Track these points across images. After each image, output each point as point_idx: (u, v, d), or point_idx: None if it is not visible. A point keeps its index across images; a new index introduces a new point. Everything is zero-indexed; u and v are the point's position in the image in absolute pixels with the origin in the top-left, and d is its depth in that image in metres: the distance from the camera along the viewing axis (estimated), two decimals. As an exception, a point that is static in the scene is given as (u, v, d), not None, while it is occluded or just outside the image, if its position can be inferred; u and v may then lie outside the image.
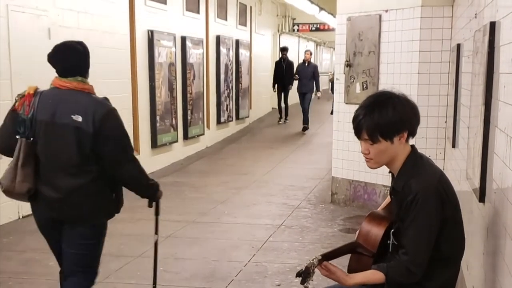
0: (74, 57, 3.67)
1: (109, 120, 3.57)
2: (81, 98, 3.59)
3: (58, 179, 3.59)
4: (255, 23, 18.25)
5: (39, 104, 3.61)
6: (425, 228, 2.69)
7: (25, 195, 3.66)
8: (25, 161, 3.55)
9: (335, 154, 8.25)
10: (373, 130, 2.74)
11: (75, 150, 3.53)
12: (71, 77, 3.62)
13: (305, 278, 2.71)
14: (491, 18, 3.22)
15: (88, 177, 3.60)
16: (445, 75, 6.78)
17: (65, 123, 3.52)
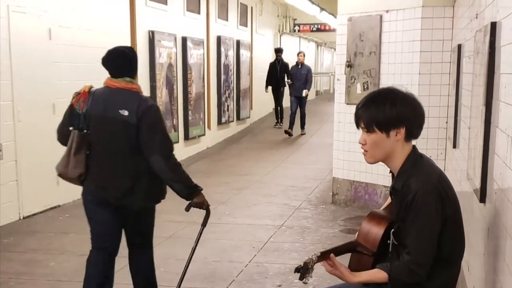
0: (123, 61, 4.19)
1: (149, 114, 4.03)
2: (128, 96, 4.08)
3: (109, 166, 4.10)
4: (256, 23, 18.25)
5: (92, 101, 4.13)
6: (426, 227, 2.68)
7: (77, 179, 4.24)
8: (77, 150, 4.11)
9: (336, 154, 8.25)
10: (369, 120, 2.76)
11: (123, 140, 4.04)
12: (120, 78, 4.13)
13: (304, 274, 2.71)
14: (492, 19, 3.21)
15: (135, 164, 4.06)
16: (446, 75, 6.78)
17: (114, 117, 4.02)
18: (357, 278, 2.83)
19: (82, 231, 6.91)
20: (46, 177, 7.67)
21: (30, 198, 7.39)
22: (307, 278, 2.73)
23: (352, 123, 8.57)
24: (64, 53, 8.00)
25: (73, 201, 8.23)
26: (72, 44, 8.17)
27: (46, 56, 7.67)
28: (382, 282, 2.78)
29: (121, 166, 4.09)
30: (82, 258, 5.67)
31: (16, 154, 7.22)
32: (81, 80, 8.64)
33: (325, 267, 2.85)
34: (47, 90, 7.62)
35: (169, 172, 4.07)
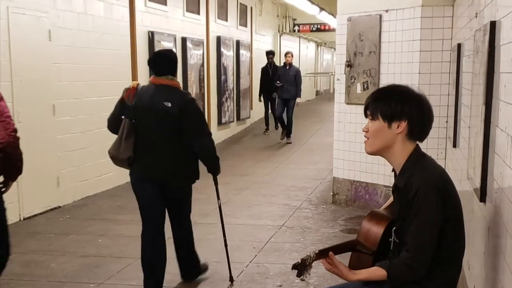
0: (166, 62, 4.92)
1: (189, 105, 4.81)
2: (170, 91, 4.84)
3: (155, 149, 4.80)
4: (256, 23, 18.25)
5: (140, 95, 4.82)
6: (426, 225, 2.68)
7: (126, 161, 4.84)
8: (127, 135, 4.79)
9: (336, 154, 8.25)
10: (375, 109, 2.82)
11: (166, 127, 4.76)
12: (163, 76, 4.86)
13: (301, 271, 2.71)
14: (492, 18, 3.21)
15: (176, 148, 4.81)
16: (445, 74, 6.78)
17: (159, 108, 4.73)
18: (356, 276, 2.83)
19: (83, 232, 6.94)
20: (47, 178, 7.68)
21: (30, 199, 7.39)
22: (305, 275, 2.72)
23: (352, 122, 8.61)
24: (64, 54, 8.00)
25: (73, 202, 8.24)
26: (72, 45, 8.17)
27: (46, 57, 7.67)
28: (381, 279, 2.78)
29: (164, 150, 4.80)
30: (83, 259, 5.68)
31: (16, 156, 7.21)
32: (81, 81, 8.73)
33: (324, 265, 2.85)
34: (47, 91, 7.63)
35: (210, 150, 4.93)
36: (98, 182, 8.88)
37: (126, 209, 8.02)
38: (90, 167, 8.66)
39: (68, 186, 8.09)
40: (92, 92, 8.55)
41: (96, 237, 6.72)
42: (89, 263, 5.81)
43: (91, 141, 8.50)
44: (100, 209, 8.00)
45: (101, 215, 7.71)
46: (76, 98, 8.31)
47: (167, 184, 4.91)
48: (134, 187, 4.97)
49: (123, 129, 4.82)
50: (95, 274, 5.59)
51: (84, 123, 8.41)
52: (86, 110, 8.44)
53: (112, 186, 9.12)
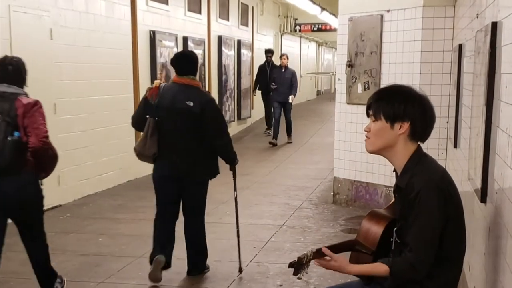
0: (188, 62, 5.20)
1: (210, 105, 5.13)
2: (192, 90, 5.11)
3: (177, 146, 5.09)
4: (257, 23, 18.24)
5: (162, 94, 5.09)
6: (428, 225, 2.69)
7: (151, 157, 5.14)
8: (152, 133, 5.05)
9: (337, 154, 8.25)
10: (377, 109, 2.82)
11: (188, 125, 5.06)
12: (185, 76, 5.12)
13: (298, 270, 2.71)
14: (493, 18, 3.21)
15: (198, 145, 5.09)
16: (446, 75, 6.77)
17: (181, 107, 5.02)
18: (355, 268, 2.83)
19: (83, 230, 6.94)
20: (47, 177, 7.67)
21: (31, 198, 7.38)
22: (302, 274, 2.73)
23: (353, 122, 8.61)
24: (65, 53, 8.00)
25: (74, 201, 8.24)
26: (73, 44, 8.17)
27: (47, 56, 7.67)
28: (381, 275, 2.77)
29: (185, 146, 5.09)
30: (83, 258, 5.69)
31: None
32: (83, 80, 8.73)
33: (321, 264, 2.84)
34: (48, 90, 7.62)
35: (229, 145, 5.26)
36: (99, 181, 8.88)
37: (126, 208, 8.02)
38: (91, 166, 8.66)
39: (69, 184, 8.09)
40: (93, 91, 8.55)
41: (96, 236, 6.72)
42: (89, 261, 5.81)
43: (92, 140, 8.51)
44: (100, 208, 8.00)
45: (101, 214, 7.71)
46: (77, 97, 8.30)
47: (187, 180, 5.21)
48: (155, 181, 5.31)
49: (148, 127, 5.10)
50: (95, 272, 5.59)
51: (85, 122, 8.41)
52: (87, 109, 8.44)
53: (113, 185, 9.13)
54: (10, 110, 4.30)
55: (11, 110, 4.30)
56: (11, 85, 4.45)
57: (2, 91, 4.39)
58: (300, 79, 27.14)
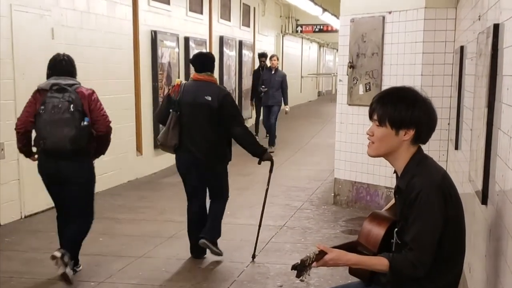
0: (206, 61, 5.80)
1: (226, 99, 5.64)
2: (210, 86, 5.67)
3: (197, 137, 5.63)
4: (259, 24, 18.25)
5: (183, 91, 5.66)
6: (428, 226, 2.69)
7: (172, 147, 5.69)
8: (174, 126, 5.60)
9: (338, 155, 8.25)
10: (383, 114, 2.79)
11: (207, 119, 5.58)
12: (204, 73, 5.70)
13: (301, 272, 2.70)
14: (495, 20, 3.21)
15: (215, 136, 5.64)
16: (448, 77, 6.77)
17: (201, 102, 5.56)
18: (355, 257, 2.81)
19: (84, 230, 6.93)
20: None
21: (31, 197, 7.39)
22: (305, 276, 2.72)
23: (354, 124, 8.60)
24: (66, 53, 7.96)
25: (75, 201, 8.24)
26: (74, 43, 8.17)
27: (49, 55, 7.59)
28: (380, 268, 2.76)
29: (205, 137, 5.61)
30: (84, 258, 5.68)
31: (18, 154, 7.19)
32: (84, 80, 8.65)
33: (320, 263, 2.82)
34: (49, 89, 7.62)
35: (247, 138, 5.74)
36: (99, 181, 8.77)
37: (127, 208, 8.03)
38: (92, 166, 8.66)
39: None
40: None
41: (97, 235, 6.71)
42: (90, 261, 5.81)
43: (93, 139, 8.50)
44: (101, 208, 7.98)
45: (102, 214, 7.69)
46: (79, 97, 8.30)
47: (205, 167, 5.73)
48: (179, 169, 5.86)
49: (171, 121, 5.63)
50: (96, 272, 5.60)
51: (86, 121, 8.40)
52: (88, 109, 8.44)
53: (114, 185, 9.13)
54: (77, 99, 4.98)
55: (77, 99, 4.98)
56: (68, 77, 5.15)
57: (65, 83, 5.06)
58: (301, 80, 27.21)
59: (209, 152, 5.68)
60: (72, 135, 4.92)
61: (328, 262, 2.79)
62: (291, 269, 2.74)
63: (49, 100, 5.00)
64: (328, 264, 2.81)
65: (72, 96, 4.99)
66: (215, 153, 5.74)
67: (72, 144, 4.94)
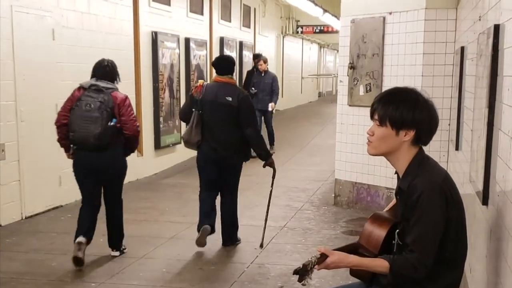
0: (227, 64, 6.28)
1: (245, 100, 6.08)
2: (230, 87, 6.11)
3: (218, 134, 6.02)
4: (259, 25, 18.26)
5: (205, 91, 6.06)
6: (430, 227, 2.69)
7: (195, 144, 6.09)
8: (196, 124, 6.01)
9: (338, 156, 8.25)
10: (384, 115, 2.79)
11: (227, 117, 6.00)
12: (225, 75, 6.14)
13: (303, 276, 2.70)
14: (495, 21, 3.21)
15: (235, 134, 6.02)
16: (448, 77, 6.77)
17: (222, 102, 5.98)
18: (356, 260, 2.81)
19: (84, 231, 6.92)
20: (49, 177, 7.68)
21: (32, 198, 7.40)
22: (306, 280, 2.72)
23: (354, 124, 8.58)
24: (67, 54, 8.01)
25: (76, 201, 8.22)
26: (75, 44, 8.18)
27: (49, 56, 7.68)
28: (381, 270, 2.76)
29: (226, 134, 6.01)
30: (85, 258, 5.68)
31: (18, 154, 7.23)
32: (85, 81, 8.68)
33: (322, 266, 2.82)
34: (50, 90, 7.63)
35: (257, 139, 6.11)
36: (100, 182, 8.87)
37: (127, 209, 7.99)
38: (92, 167, 8.67)
39: (70, 185, 8.04)
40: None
41: (97, 236, 6.70)
42: (91, 262, 5.82)
43: (94, 140, 8.50)
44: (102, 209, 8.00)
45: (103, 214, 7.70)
46: (79, 98, 8.31)
47: (224, 162, 6.09)
48: (199, 163, 6.24)
49: (194, 119, 6.02)
50: (97, 273, 5.60)
51: (86, 122, 8.40)
52: (88, 110, 8.44)
53: (114, 185, 9.12)
54: (108, 101, 5.53)
55: (109, 101, 5.54)
56: (108, 81, 5.71)
57: (103, 86, 5.62)
58: (302, 81, 27.22)
59: (230, 149, 6.05)
60: (97, 132, 5.46)
61: (330, 265, 2.78)
62: (293, 273, 2.73)
63: (84, 98, 5.55)
64: (329, 267, 2.80)
65: (105, 98, 5.54)
66: (235, 150, 6.09)
67: (96, 140, 5.48)
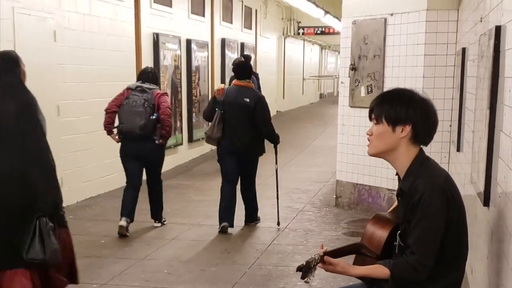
0: (245, 70, 7.17)
1: (260, 101, 6.91)
2: (248, 90, 6.95)
3: (238, 131, 6.82)
4: (260, 26, 18.27)
5: (226, 93, 6.90)
6: (432, 228, 2.69)
7: (217, 139, 6.91)
8: (218, 122, 6.84)
9: (340, 157, 8.25)
10: (380, 112, 2.83)
11: (246, 116, 6.79)
12: (243, 80, 7.00)
13: (306, 273, 2.71)
14: (497, 22, 3.21)
15: (252, 130, 6.83)
16: (450, 79, 6.77)
17: (240, 102, 6.80)
18: (357, 270, 2.85)
19: (86, 232, 6.94)
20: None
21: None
22: (309, 277, 2.73)
23: (356, 126, 8.58)
24: (69, 55, 8.02)
25: (77, 203, 8.25)
26: (77, 46, 8.19)
27: (51, 58, 7.68)
28: (382, 277, 2.77)
29: (244, 131, 6.81)
30: (86, 260, 5.69)
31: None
32: (86, 82, 8.74)
33: (325, 269, 2.84)
34: (51, 92, 7.63)
35: (270, 135, 7.04)
36: (102, 183, 8.89)
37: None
38: (94, 168, 8.67)
39: (72, 186, 8.09)
40: (96, 93, 8.55)
41: (99, 237, 6.73)
42: (92, 263, 5.82)
43: (95, 142, 8.51)
44: (103, 210, 8.02)
45: (104, 216, 7.72)
46: (81, 99, 8.32)
47: (243, 156, 6.94)
48: (220, 157, 7.04)
49: (216, 117, 6.85)
50: (98, 274, 5.60)
51: (88, 124, 8.41)
52: (90, 111, 8.43)
53: (116, 187, 9.10)
54: (151, 99, 6.68)
55: (152, 99, 6.68)
56: (151, 83, 6.86)
57: (146, 87, 6.78)
58: (303, 82, 27.23)
59: (248, 144, 6.83)
60: (141, 124, 6.61)
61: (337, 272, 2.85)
62: (296, 270, 2.75)
63: (131, 96, 6.72)
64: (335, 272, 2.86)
65: (148, 96, 6.70)
66: (253, 144, 6.88)
67: (140, 130, 6.62)
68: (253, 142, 6.88)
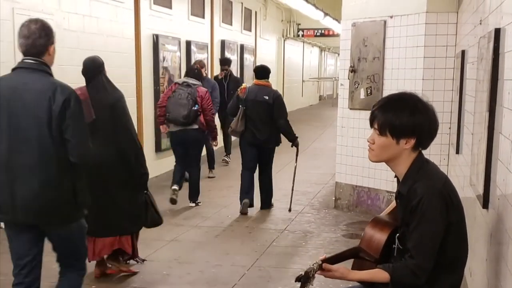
0: (264, 71, 8.10)
1: (278, 98, 7.88)
2: (267, 89, 7.91)
3: (259, 125, 7.81)
4: (260, 28, 18.27)
5: (248, 92, 7.85)
6: (430, 232, 2.69)
7: (239, 132, 7.90)
8: (241, 117, 7.82)
9: (339, 159, 8.25)
10: (384, 123, 2.78)
11: (266, 112, 7.76)
12: (262, 80, 7.98)
13: (305, 283, 2.71)
14: (496, 25, 3.22)
15: (270, 124, 7.79)
16: (449, 81, 6.78)
17: (260, 100, 7.76)
18: (357, 275, 2.85)
19: (85, 233, 6.93)
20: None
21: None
22: (308, 287, 2.73)
23: (355, 128, 8.58)
24: (68, 57, 8.01)
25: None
26: (76, 47, 8.18)
27: (51, 59, 7.67)
28: (382, 282, 2.78)
29: (264, 124, 7.79)
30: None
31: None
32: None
33: (326, 275, 2.85)
34: (51, 92, 7.62)
35: (287, 128, 7.85)
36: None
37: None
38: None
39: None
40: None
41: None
42: (92, 263, 5.81)
43: (95, 143, 8.51)
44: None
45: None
46: (80, 100, 8.31)
47: (262, 146, 7.91)
48: (242, 147, 8.07)
49: (240, 113, 7.82)
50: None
51: (87, 124, 8.41)
52: (90, 112, 8.44)
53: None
54: (194, 93, 7.83)
55: (194, 93, 7.84)
56: (195, 79, 8.05)
57: (191, 82, 7.95)
58: (303, 84, 27.23)
59: (268, 136, 7.79)
60: (184, 114, 7.77)
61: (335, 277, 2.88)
62: (295, 281, 2.75)
63: (178, 90, 7.89)
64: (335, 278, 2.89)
65: (192, 90, 7.83)
66: (271, 137, 7.83)
67: (184, 119, 7.79)
68: (271, 135, 7.83)
